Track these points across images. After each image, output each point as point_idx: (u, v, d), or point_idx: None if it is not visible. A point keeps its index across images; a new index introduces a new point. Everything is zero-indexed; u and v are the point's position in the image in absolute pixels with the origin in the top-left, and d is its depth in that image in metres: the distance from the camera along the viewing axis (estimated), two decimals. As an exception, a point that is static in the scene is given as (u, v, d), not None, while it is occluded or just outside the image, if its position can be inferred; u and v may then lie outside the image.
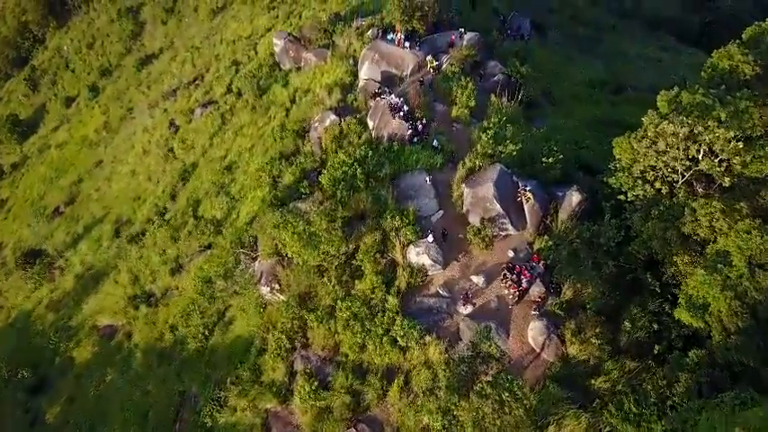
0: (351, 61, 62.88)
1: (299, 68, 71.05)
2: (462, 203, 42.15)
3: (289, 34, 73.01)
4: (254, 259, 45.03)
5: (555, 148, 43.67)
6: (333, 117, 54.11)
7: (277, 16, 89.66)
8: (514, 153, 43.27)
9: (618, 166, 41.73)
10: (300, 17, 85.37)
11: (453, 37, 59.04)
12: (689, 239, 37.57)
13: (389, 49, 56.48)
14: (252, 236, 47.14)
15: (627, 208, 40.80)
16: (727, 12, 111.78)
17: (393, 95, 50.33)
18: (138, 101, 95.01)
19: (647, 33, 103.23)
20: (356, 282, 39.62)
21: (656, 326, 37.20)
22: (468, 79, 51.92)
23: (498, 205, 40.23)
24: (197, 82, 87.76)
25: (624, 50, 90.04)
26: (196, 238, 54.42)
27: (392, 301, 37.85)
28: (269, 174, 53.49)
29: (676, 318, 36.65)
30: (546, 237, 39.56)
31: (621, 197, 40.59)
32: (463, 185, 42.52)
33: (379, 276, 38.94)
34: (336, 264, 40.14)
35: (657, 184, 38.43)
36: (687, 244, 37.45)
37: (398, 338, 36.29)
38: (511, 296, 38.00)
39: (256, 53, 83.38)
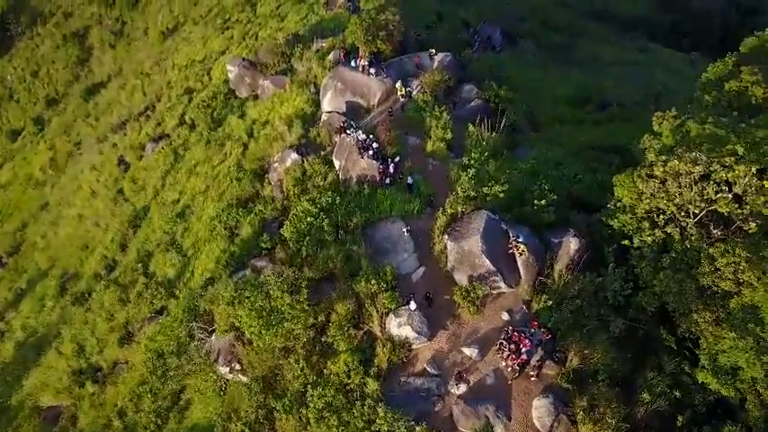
0: (312, 89, 57.36)
1: (256, 97, 65.33)
2: (446, 258, 36.70)
3: (243, 59, 67.13)
4: (211, 333, 39.00)
5: (546, 187, 38.47)
6: (294, 156, 48.41)
7: (232, 37, 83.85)
8: (501, 194, 37.98)
9: (619, 205, 36.81)
10: (257, 38, 79.84)
11: (418, 59, 53.71)
12: (707, 291, 32.70)
13: (354, 77, 50.96)
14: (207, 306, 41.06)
15: (632, 254, 35.83)
16: (697, 10, 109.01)
17: (360, 132, 44.74)
18: (85, 134, 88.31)
19: (621, 35, 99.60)
20: (328, 362, 33.86)
21: (677, 393, 32.24)
22: (442, 108, 46.62)
23: (488, 261, 34.91)
24: (148, 113, 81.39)
25: (599, 55, 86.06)
26: (147, 300, 48.16)
27: (372, 385, 32.26)
28: (224, 224, 47.56)
29: (699, 381, 31.81)
30: (545, 295, 34.25)
31: (626, 242, 35.59)
32: (445, 237, 37.09)
33: (355, 355, 33.31)
34: (304, 340, 34.38)
35: (669, 229, 33.46)
36: (706, 297, 32.56)
37: (383, 432, 30.73)
38: (510, 369, 32.66)
39: (210, 79, 77.46)
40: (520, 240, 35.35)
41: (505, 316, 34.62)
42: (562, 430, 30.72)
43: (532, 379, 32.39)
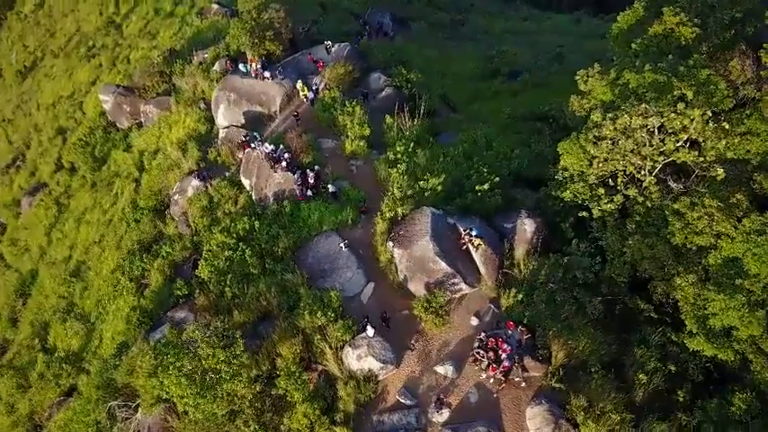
0: (202, 105, 51.11)
1: (140, 125, 58.14)
2: (395, 269, 32.18)
3: (118, 86, 59.65)
4: (135, 409, 32.53)
5: (485, 170, 34.78)
6: (195, 183, 42.39)
7: (100, 65, 75.46)
8: (439, 187, 33.88)
9: (567, 174, 33.64)
10: (129, 61, 71.98)
11: (312, 55, 48.71)
12: (681, 251, 30.04)
13: (247, 84, 45.29)
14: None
15: (592, 225, 32.78)
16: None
17: (267, 143, 39.31)
18: (-53, 199, 76.61)
19: (504, 6, 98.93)
20: (284, 418, 28.50)
21: (672, 367, 29.42)
22: (353, 103, 41.85)
23: (443, 263, 30.74)
24: (18, 163, 71.78)
25: (490, 28, 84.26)
26: (51, 382, 40.49)
27: (343, 436, 27.26)
28: (129, 275, 40.81)
29: (691, 349, 29.12)
30: (512, 289, 30.44)
31: (584, 213, 32.43)
32: (390, 245, 32.60)
33: (314, 403, 28.12)
34: (250, 398, 28.79)
35: (630, 192, 30.49)
36: (682, 258, 29.88)
37: (365, 488, 25.87)
38: (492, 380, 28.65)
39: (84, 114, 68.94)
40: (473, 233, 31.35)
41: (474, 321, 30.59)
42: (565, 438, 26.99)
43: (521, 386, 28.48)
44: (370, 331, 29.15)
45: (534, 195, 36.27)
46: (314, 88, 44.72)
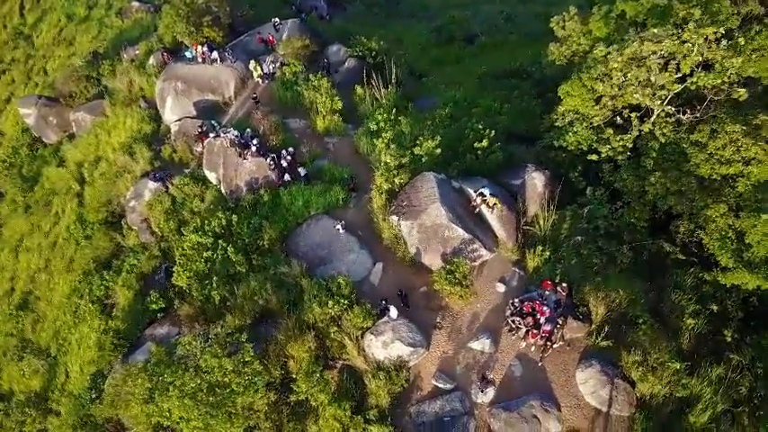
0: (142, 104, 46.06)
1: (71, 136, 52.31)
2: (405, 243, 28.90)
3: (40, 97, 53.53)
4: (126, 445, 28.01)
5: (480, 126, 32.00)
6: (152, 185, 37.75)
7: (13, 81, 68.38)
8: (437, 150, 30.84)
9: (567, 121, 31.34)
10: (46, 72, 65.49)
11: (260, 35, 44.66)
12: (705, 182, 28.18)
13: (195, 71, 40.85)
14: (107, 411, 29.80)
15: (602, 169, 30.57)
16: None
17: (232, 130, 35.17)
18: None
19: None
20: (310, 426, 24.78)
21: (714, 307, 27.53)
22: (319, 76, 38.20)
23: (460, 229, 27.69)
24: (-69, 199, 63.63)
25: (429, 3, 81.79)
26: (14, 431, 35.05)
27: (381, 433, 23.83)
28: (89, 297, 35.81)
29: (728, 284, 27.29)
30: (539, 246, 27.74)
31: (592, 157, 30.15)
32: (394, 219, 29.27)
33: (342, 404, 24.47)
34: (266, 409, 24.90)
35: (647, 126, 28.34)
36: (708, 189, 28.00)
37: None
38: (533, 348, 25.85)
39: (2, 134, 61.91)
40: (486, 193, 28.44)
41: (500, 288, 27.71)
42: (624, 397, 24.57)
43: (565, 349, 25.83)
44: (393, 313, 25.79)
45: (532, 149, 33.75)
46: (270, 67, 40.69)
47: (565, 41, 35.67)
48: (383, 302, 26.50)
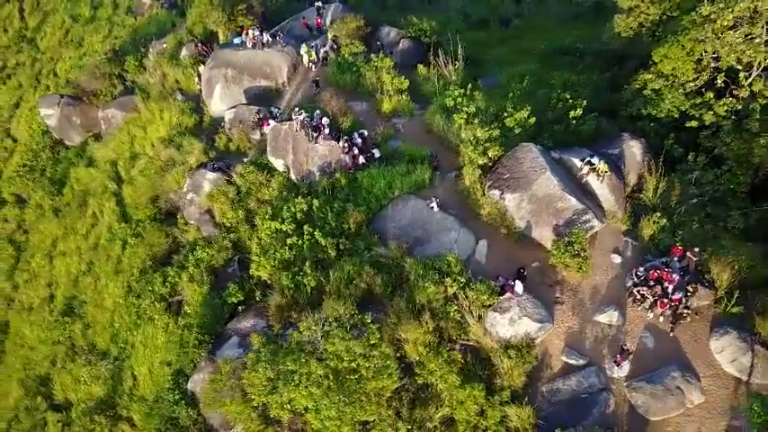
0: (179, 97, 44.16)
1: (97, 136, 50.13)
2: (510, 217, 27.56)
3: (62, 96, 51.26)
4: (228, 445, 26.16)
5: (567, 96, 30.92)
6: (211, 175, 35.91)
7: (20, 86, 65.71)
8: (531, 119, 29.65)
9: (656, 87, 30.39)
10: (56, 74, 63.08)
11: (305, 19, 43.26)
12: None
13: (245, 57, 39.16)
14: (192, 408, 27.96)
15: (701, 135, 29.65)
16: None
17: (302, 112, 33.54)
18: None
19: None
20: (429, 410, 23.22)
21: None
22: (381, 56, 36.84)
23: (573, 199, 26.45)
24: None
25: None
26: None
27: (523, 415, 22.39)
28: (151, 297, 33.81)
29: None
30: (655, 213, 26.66)
31: (692, 123, 29.23)
32: (495, 192, 27.95)
33: (476, 386, 22.99)
34: (388, 395, 23.30)
35: (757, 85, 27.46)
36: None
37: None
38: (662, 318, 24.69)
39: (15, 141, 59.29)
40: (594, 161, 27.28)
41: (616, 258, 26.56)
42: (764, 363, 23.47)
43: (696, 318, 24.72)
44: (519, 288, 24.43)
45: (614, 120, 32.76)
46: (322, 50, 39.16)
47: (631, 12, 34.87)
48: (505, 280, 25.09)
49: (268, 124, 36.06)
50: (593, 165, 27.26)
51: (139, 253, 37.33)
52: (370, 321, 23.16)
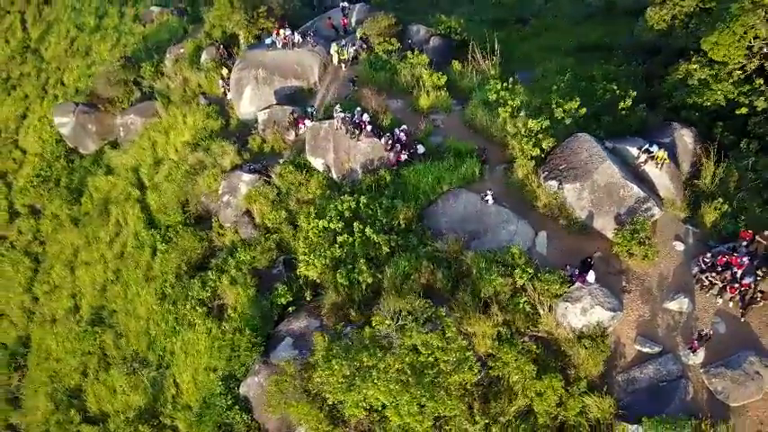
0: (202, 101, 43.56)
1: (113, 143, 49.32)
2: (570, 208, 27.27)
3: (77, 104, 50.48)
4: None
5: (614, 87, 30.82)
6: (247, 177, 35.33)
7: (26, 96, 64.72)
8: (582, 110, 29.48)
9: (702, 77, 30.40)
10: (63, 84, 62.28)
11: (330, 20, 43.01)
12: None
13: (278, 58, 38.75)
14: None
15: (751, 122, 29.63)
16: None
17: (341, 111, 33.08)
18: None
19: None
20: (506, 401, 22.73)
21: None
22: (417, 53, 36.59)
23: (635, 187, 26.23)
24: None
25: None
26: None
27: (603, 405, 21.98)
28: (192, 302, 33.01)
29: None
30: (716, 200, 26.52)
31: (742, 111, 29.22)
32: (552, 183, 27.67)
33: (555, 376, 22.56)
34: (462, 391, 22.77)
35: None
36: None
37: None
38: (732, 303, 24.46)
39: (25, 152, 58.17)
40: (653, 149, 27.12)
41: (679, 246, 26.32)
42: (840, 345, 23.29)
43: (759, 303, 24.49)
44: (591, 277, 24.07)
45: (654, 112, 32.69)
46: (352, 49, 38.84)
47: (664, 5, 34.97)
48: (569, 269, 24.74)
49: (303, 124, 35.61)
50: (651, 153, 27.10)
51: (172, 259, 36.53)
52: (443, 314, 22.60)
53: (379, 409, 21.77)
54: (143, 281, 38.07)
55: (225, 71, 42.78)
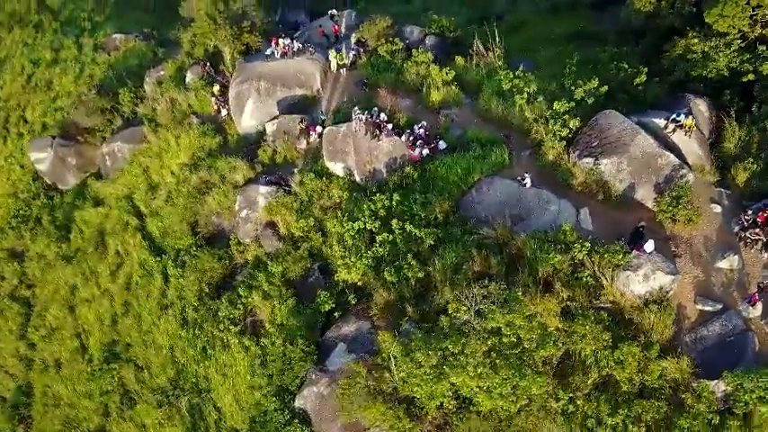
0: (194, 120, 42.60)
1: (98, 174, 47.57)
2: (607, 183, 27.87)
3: (53, 137, 48.48)
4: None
5: (625, 64, 31.87)
6: (265, 188, 34.64)
7: None
8: (603, 88, 30.31)
9: (705, 48, 31.80)
10: (26, 120, 59.75)
11: (321, 28, 42.95)
12: None
13: (277, 67, 38.23)
14: None
15: (755, 88, 31.11)
16: None
17: (361, 112, 32.92)
18: None
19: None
20: (578, 376, 22.93)
21: None
22: (421, 51, 36.88)
23: (672, 155, 27.07)
24: None
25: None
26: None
27: (683, 365, 22.45)
28: (224, 323, 31.99)
29: None
30: (748, 160, 27.66)
31: (749, 77, 30.66)
32: (587, 161, 28.25)
33: (630, 344, 22.89)
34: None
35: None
36: None
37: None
38: (776, 257, 25.52)
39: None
40: (680, 117, 28.09)
41: (716, 208, 27.31)
42: None
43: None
44: (650, 246, 24.58)
45: (660, 85, 33.92)
46: (350, 54, 38.83)
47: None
48: (623, 239, 25.26)
49: (314, 131, 35.26)
50: (679, 121, 28.04)
51: (191, 282, 35.31)
52: (519, 293, 22.64)
53: (467, 396, 21.51)
54: (158, 309, 36.66)
55: (216, 88, 41.94)
